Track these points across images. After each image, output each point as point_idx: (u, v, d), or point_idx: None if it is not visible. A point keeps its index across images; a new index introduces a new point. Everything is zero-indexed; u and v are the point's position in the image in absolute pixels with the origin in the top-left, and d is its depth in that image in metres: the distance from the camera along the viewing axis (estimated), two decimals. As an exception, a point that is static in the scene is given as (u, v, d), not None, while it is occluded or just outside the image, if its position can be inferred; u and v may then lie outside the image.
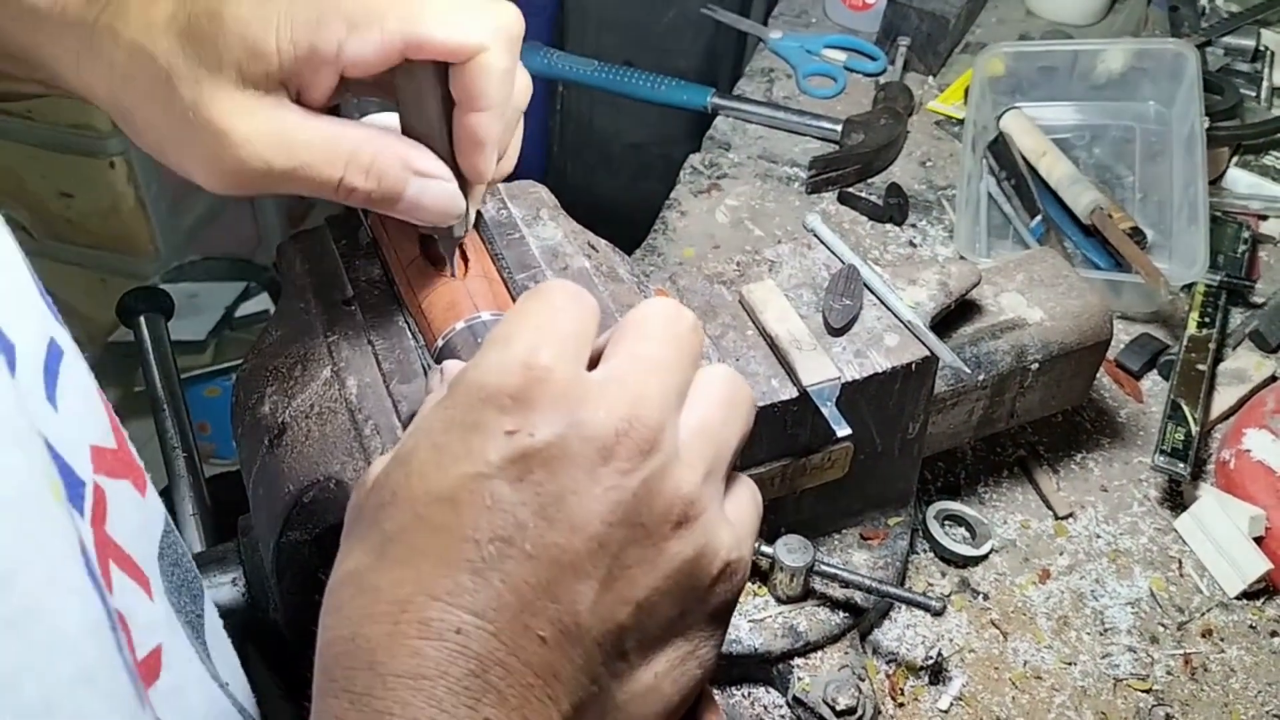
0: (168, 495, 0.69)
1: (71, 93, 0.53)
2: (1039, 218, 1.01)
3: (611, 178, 1.95)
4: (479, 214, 0.63)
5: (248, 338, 2.08)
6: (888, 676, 0.74)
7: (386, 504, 0.39)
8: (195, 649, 0.48)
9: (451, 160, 0.53)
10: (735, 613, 0.70)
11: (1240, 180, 1.11)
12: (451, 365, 0.47)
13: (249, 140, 0.48)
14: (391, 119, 0.54)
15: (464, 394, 0.39)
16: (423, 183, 0.51)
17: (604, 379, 0.39)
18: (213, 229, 2.17)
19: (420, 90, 0.51)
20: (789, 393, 0.62)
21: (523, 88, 0.56)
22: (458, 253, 0.58)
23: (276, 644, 0.63)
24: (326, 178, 0.50)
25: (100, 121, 1.79)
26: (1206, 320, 0.94)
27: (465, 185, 0.54)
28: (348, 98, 0.54)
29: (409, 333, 0.58)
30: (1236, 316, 1.00)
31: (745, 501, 0.43)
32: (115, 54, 0.48)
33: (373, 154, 0.50)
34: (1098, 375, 0.91)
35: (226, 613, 0.61)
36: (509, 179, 0.65)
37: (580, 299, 0.41)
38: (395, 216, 0.53)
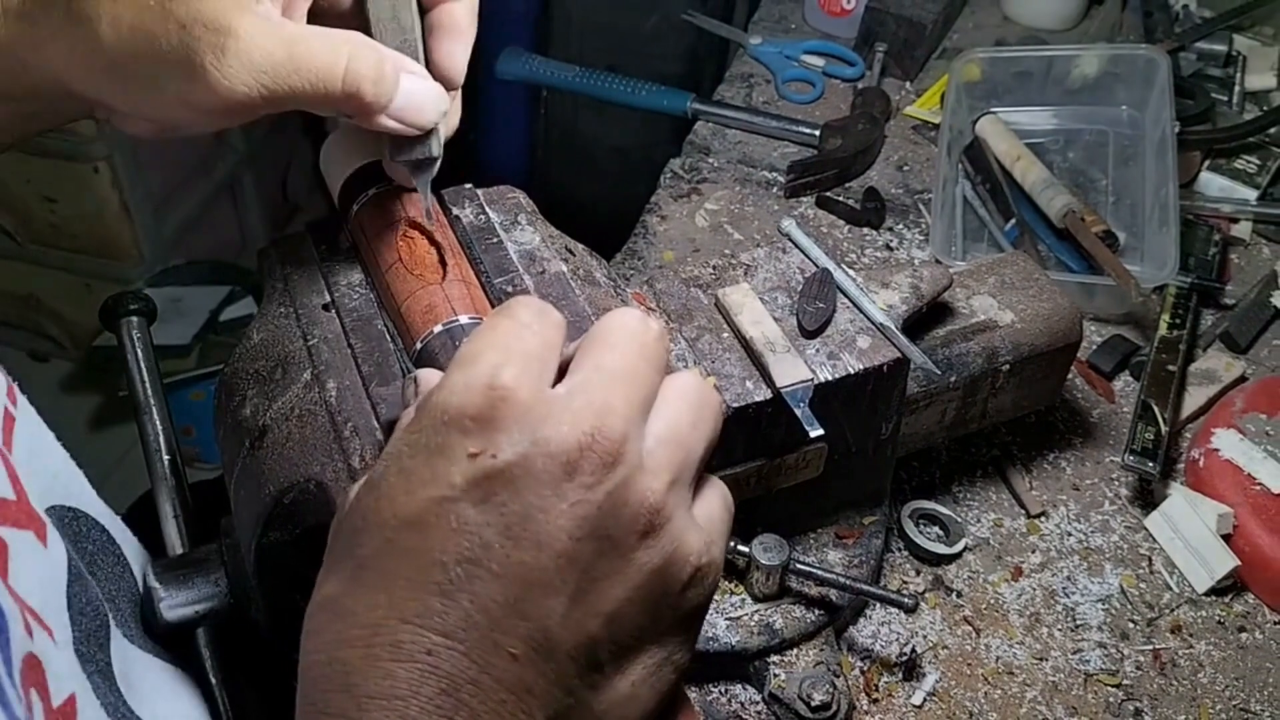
0: (150, 499, 0.70)
1: (65, 87, 0.50)
2: (1013, 221, 1.03)
3: (594, 181, 1.96)
4: (456, 218, 0.64)
5: (232, 342, 2.07)
6: (862, 673, 0.75)
7: (359, 529, 0.40)
8: (103, 698, 0.48)
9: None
10: (712, 610, 0.71)
11: (1212, 184, 1.13)
12: (425, 375, 0.47)
13: (252, 34, 0.47)
14: None
15: (429, 417, 0.39)
16: (410, 82, 0.52)
17: (567, 393, 0.39)
18: (197, 233, 2.17)
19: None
20: (763, 394, 0.63)
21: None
22: (433, 252, 0.58)
23: (258, 644, 0.64)
24: (327, 69, 0.49)
25: (85, 126, 1.79)
26: (1177, 322, 0.95)
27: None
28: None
29: (388, 336, 0.58)
30: (1207, 318, 1.01)
31: (715, 504, 0.44)
32: (98, 13, 0.47)
33: (371, 48, 0.50)
34: (1070, 376, 0.92)
35: (209, 615, 0.62)
36: (490, 184, 0.66)
37: (545, 315, 0.42)
38: (379, 125, 0.52)
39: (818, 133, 1.16)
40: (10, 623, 0.39)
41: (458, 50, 0.54)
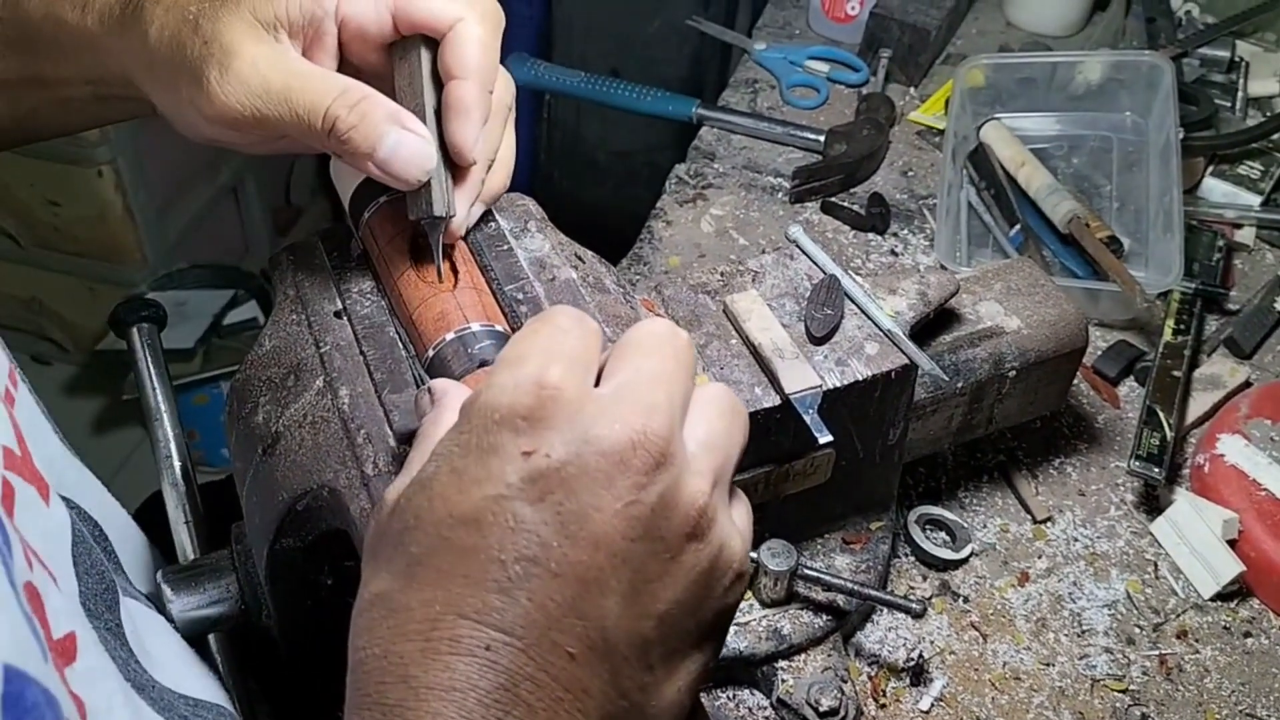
0: (158, 502, 0.70)
1: (105, 73, 0.60)
2: (1018, 227, 1.03)
3: (598, 187, 1.97)
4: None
5: (236, 345, 2.08)
6: (870, 678, 0.75)
7: (411, 528, 0.40)
8: (111, 652, 0.49)
9: (440, 141, 0.57)
10: (720, 616, 0.71)
11: (1215, 189, 1.13)
12: (440, 384, 0.48)
13: (254, 59, 0.53)
14: None
15: (479, 416, 0.40)
16: (400, 135, 0.54)
17: (613, 394, 0.40)
18: (200, 237, 2.17)
19: (411, 65, 0.56)
20: (772, 400, 0.63)
21: (505, 83, 0.60)
22: (445, 260, 0.59)
23: (269, 650, 0.64)
24: (315, 104, 0.53)
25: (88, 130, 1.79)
26: (1182, 327, 0.96)
27: (456, 172, 0.58)
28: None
29: (400, 343, 0.59)
30: (1211, 323, 1.01)
31: (743, 512, 0.45)
32: (152, 19, 0.55)
33: (363, 94, 0.54)
34: (1075, 381, 0.92)
35: (221, 620, 0.63)
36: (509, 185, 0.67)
37: (583, 322, 0.43)
38: (368, 171, 0.56)
39: (822, 138, 1.16)
40: (12, 547, 0.40)
41: (465, 128, 0.56)
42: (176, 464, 0.68)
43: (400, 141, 0.54)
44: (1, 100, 0.66)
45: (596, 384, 0.42)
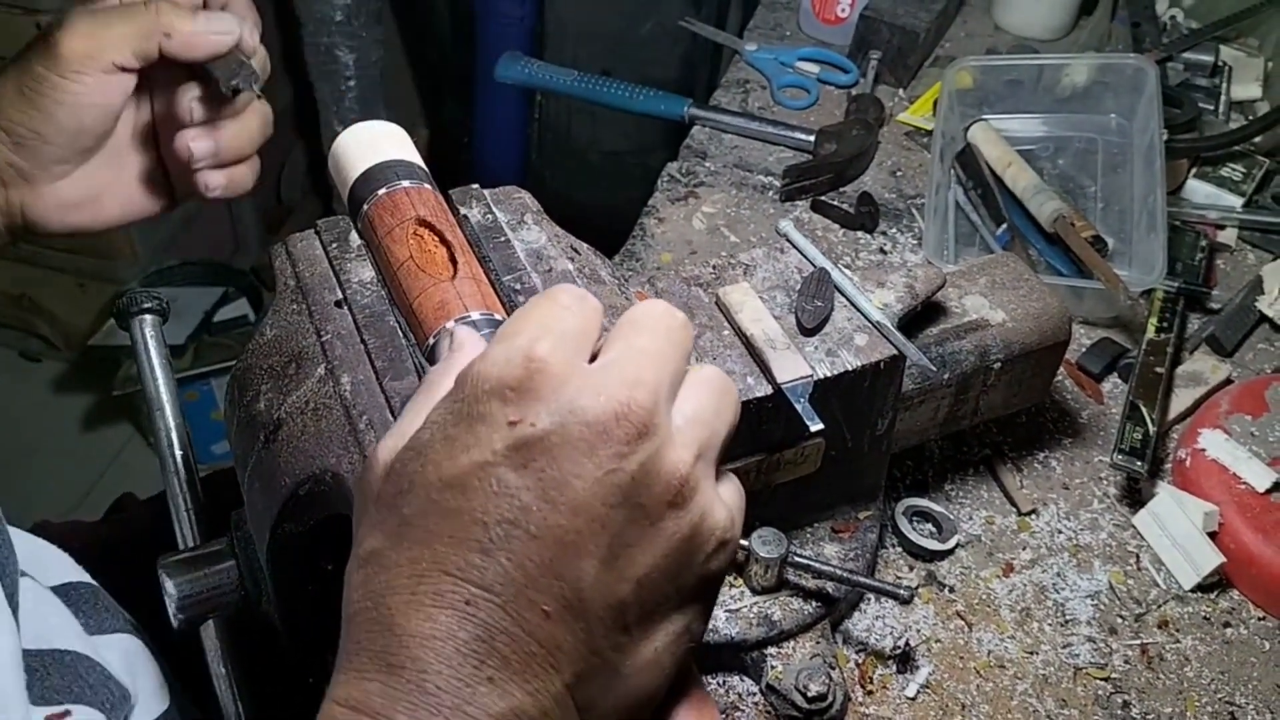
0: (161, 495, 0.71)
1: None
2: (1004, 226, 1.05)
3: (589, 186, 1.98)
4: (465, 217, 0.66)
5: (227, 342, 2.09)
6: (858, 665, 0.76)
7: (404, 491, 0.42)
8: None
9: None
10: (712, 603, 0.73)
11: (1198, 191, 1.15)
12: (462, 331, 0.50)
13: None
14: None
15: (471, 386, 0.42)
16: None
17: (601, 368, 0.42)
18: (190, 234, 2.18)
19: None
20: (764, 390, 0.65)
21: None
22: (444, 250, 0.60)
23: (269, 636, 0.65)
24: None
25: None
26: (1165, 325, 0.97)
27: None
28: None
29: (400, 332, 0.60)
30: (1194, 322, 1.03)
31: (733, 489, 0.46)
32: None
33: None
34: (1060, 377, 0.94)
35: (221, 606, 0.64)
36: (499, 183, 0.68)
37: (584, 300, 0.45)
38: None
39: (813, 138, 1.18)
40: None
41: None
42: (178, 453, 0.69)
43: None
44: None
45: (595, 360, 0.43)
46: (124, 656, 0.66)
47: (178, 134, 0.75)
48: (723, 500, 0.44)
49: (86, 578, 0.69)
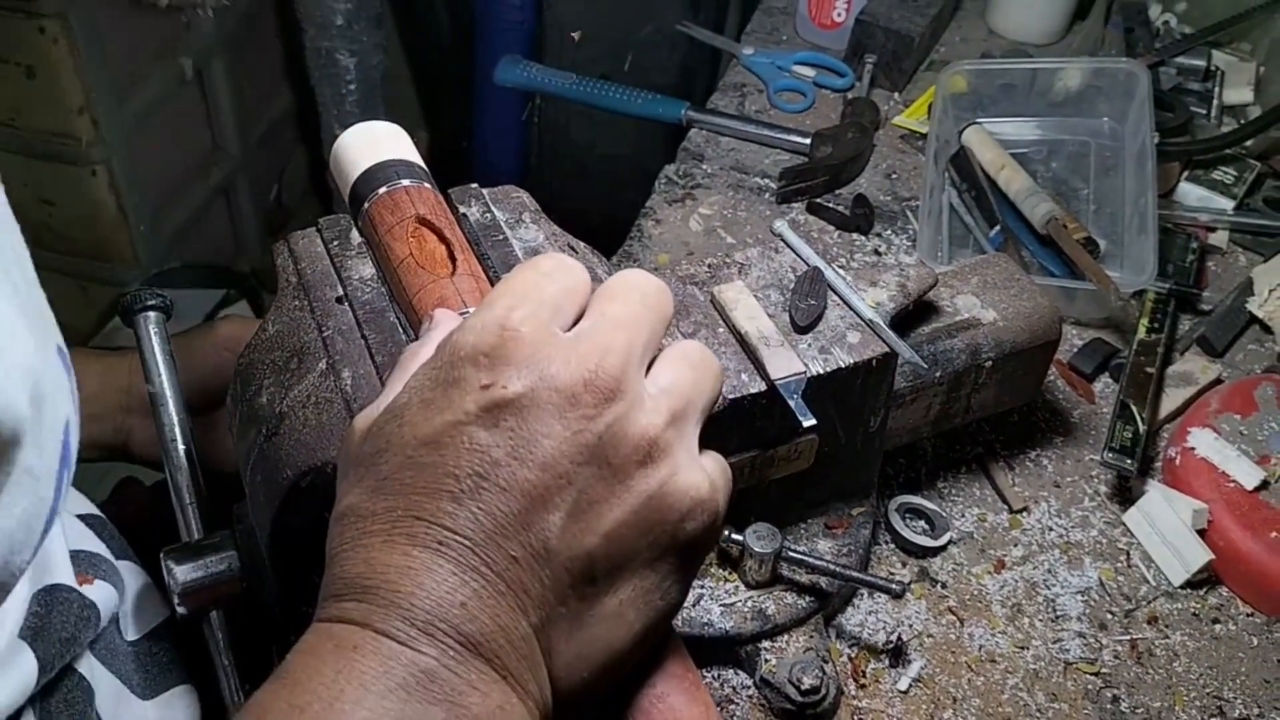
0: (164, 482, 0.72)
1: None
2: (998, 228, 1.06)
3: (587, 188, 1.99)
4: (464, 216, 0.67)
5: (227, 345, 2.09)
6: (850, 659, 0.77)
7: (382, 450, 0.44)
8: None
9: None
10: (707, 596, 0.74)
11: (1190, 194, 1.16)
12: (440, 313, 0.52)
13: None
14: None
15: (448, 353, 0.44)
16: None
17: (574, 336, 0.44)
18: (192, 236, 2.19)
19: None
20: (757, 386, 0.66)
21: None
22: (444, 248, 0.61)
23: (269, 627, 0.66)
24: None
25: (82, 130, 1.81)
26: (1156, 326, 0.98)
27: None
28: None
29: (400, 328, 0.61)
30: (1185, 323, 1.04)
31: (717, 464, 0.48)
32: None
33: None
34: (1051, 377, 0.95)
35: (223, 596, 0.65)
36: (498, 185, 0.69)
37: (567, 268, 0.46)
38: None
39: (809, 141, 1.19)
40: None
41: None
42: (181, 447, 0.70)
43: None
44: None
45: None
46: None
47: None
48: (702, 467, 0.45)
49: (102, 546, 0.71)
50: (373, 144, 0.67)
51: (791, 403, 0.64)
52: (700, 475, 0.45)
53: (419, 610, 0.40)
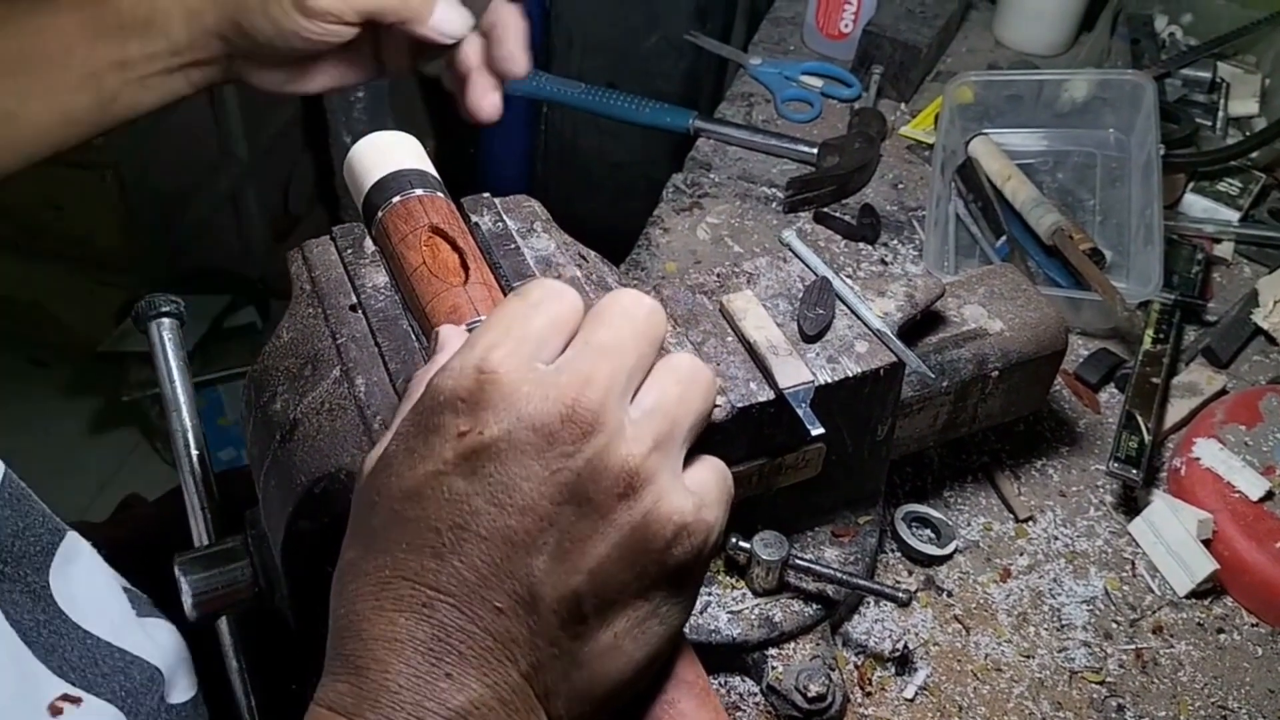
0: (179, 493, 0.73)
1: (193, 37, 0.77)
2: (1004, 238, 1.06)
3: (594, 197, 2.00)
4: (476, 225, 0.68)
5: (235, 349, 2.11)
6: (857, 667, 0.78)
7: (374, 503, 0.44)
8: (19, 616, 0.57)
9: None
10: (714, 604, 0.74)
11: (1195, 205, 1.17)
12: (445, 330, 0.52)
13: None
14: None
15: (429, 398, 0.44)
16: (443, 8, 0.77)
17: (555, 369, 0.43)
18: (200, 242, 2.20)
19: None
20: (766, 395, 0.66)
21: None
22: (456, 256, 0.62)
23: (282, 632, 0.67)
24: None
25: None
26: (1161, 337, 0.99)
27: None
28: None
29: (413, 335, 0.61)
30: (1190, 334, 1.05)
31: (708, 473, 0.47)
32: None
33: None
34: (1057, 387, 0.96)
35: (235, 602, 0.65)
36: (505, 193, 0.70)
37: (556, 294, 0.45)
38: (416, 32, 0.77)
39: (816, 151, 1.19)
40: None
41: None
42: (194, 453, 0.70)
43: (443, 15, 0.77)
44: (90, 91, 0.77)
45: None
46: (170, 636, 0.68)
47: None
48: (686, 488, 0.45)
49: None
50: (386, 153, 0.68)
51: (800, 412, 0.65)
52: (683, 498, 0.44)
53: (406, 693, 0.40)
